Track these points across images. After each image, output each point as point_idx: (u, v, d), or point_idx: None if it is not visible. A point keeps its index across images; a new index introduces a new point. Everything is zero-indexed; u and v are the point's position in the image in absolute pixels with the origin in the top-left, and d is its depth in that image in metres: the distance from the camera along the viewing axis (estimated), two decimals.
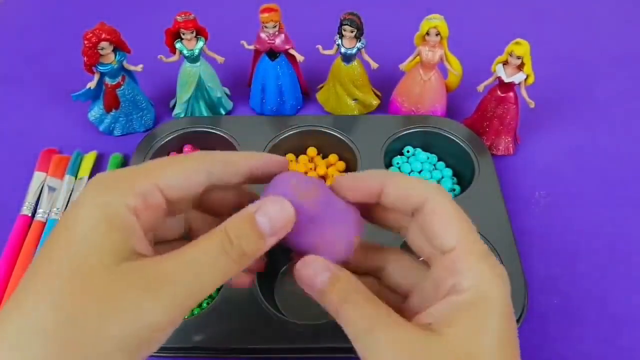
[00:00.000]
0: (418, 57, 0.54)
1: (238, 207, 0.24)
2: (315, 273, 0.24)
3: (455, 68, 0.54)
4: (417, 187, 0.25)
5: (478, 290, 0.23)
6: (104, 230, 0.21)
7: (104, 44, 0.50)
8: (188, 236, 0.28)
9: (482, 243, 0.24)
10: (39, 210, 0.49)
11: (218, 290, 0.43)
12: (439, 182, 0.52)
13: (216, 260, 0.22)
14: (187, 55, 0.54)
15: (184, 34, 0.53)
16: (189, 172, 0.24)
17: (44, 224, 0.49)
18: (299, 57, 0.56)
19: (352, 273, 0.25)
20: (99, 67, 0.52)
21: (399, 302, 0.27)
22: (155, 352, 0.40)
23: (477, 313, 0.22)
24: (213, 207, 0.28)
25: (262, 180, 0.27)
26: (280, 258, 0.47)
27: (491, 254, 0.24)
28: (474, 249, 0.24)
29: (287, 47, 0.55)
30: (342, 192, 0.26)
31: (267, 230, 0.23)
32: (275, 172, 0.27)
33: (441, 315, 0.23)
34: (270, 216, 0.23)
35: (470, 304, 0.22)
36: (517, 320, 0.40)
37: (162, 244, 0.27)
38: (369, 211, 0.28)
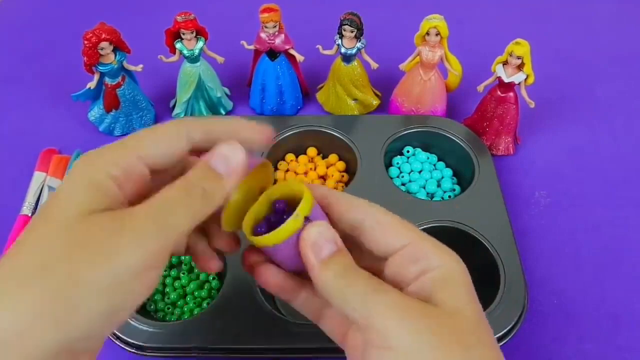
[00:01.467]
0: (418, 57, 0.54)
1: None
2: (323, 242, 0.25)
3: (455, 68, 0.54)
4: (355, 203, 0.27)
5: (446, 268, 0.25)
6: (84, 189, 0.22)
7: (104, 44, 0.50)
8: None
9: (429, 236, 0.26)
10: None
11: (218, 290, 0.43)
12: (439, 182, 0.52)
13: (182, 200, 0.23)
14: (187, 55, 0.54)
15: (184, 34, 0.53)
16: (170, 140, 0.25)
17: None
18: (299, 57, 0.56)
19: None
20: (99, 67, 0.52)
21: None
22: (155, 352, 0.40)
23: (452, 284, 0.24)
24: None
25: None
26: None
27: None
28: (427, 240, 0.26)
29: (287, 47, 0.55)
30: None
31: (223, 170, 0.25)
32: (258, 141, 0.27)
33: (420, 291, 0.25)
34: (225, 158, 0.25)
35: (443, 278, 0.24)
36: (517, 320, 0.40)
37: None
38: None
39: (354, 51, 0.54)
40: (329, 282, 0.24)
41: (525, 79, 0.51)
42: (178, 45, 0.54)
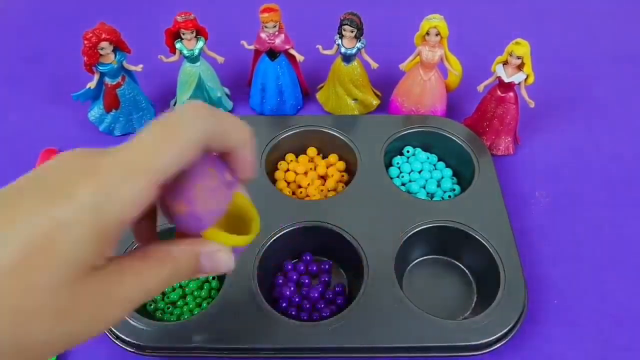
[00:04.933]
0: (418, 57, 0.54)
1: None
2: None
3: (455, 68, 0.54)
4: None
5: None
6: (91, 243, 0.21)
7: (104, 44, 0.50)
8: None
9: None
10: None
11: (218, 290, 0.43)
12: (439, 182, 0.52)
13: (164, 284, 0.24)
14: (187, 55, 0.54)
15: (184, 34, 0.53)
16: (187, 155, 0.23)
17: None
18: (299, 57, 0.56)
19: None
20: (99, 67, 0.52)
21: None
22: (155, 352, 0.40)
23: None
24: None
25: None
26: (280, 257, 0.47)
27: None
28: None
29: (287, 47, 0.55)
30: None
31: (209, 269, 0.26)
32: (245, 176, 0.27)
33: None
34: (213, 264, 0.26)
35: None
36: (517, 320, 0.40)
37: None
38: None
39: (354, 51, 0.54)
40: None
41: (525, 79, 0.51)
42: (178, 45, 0.54)
